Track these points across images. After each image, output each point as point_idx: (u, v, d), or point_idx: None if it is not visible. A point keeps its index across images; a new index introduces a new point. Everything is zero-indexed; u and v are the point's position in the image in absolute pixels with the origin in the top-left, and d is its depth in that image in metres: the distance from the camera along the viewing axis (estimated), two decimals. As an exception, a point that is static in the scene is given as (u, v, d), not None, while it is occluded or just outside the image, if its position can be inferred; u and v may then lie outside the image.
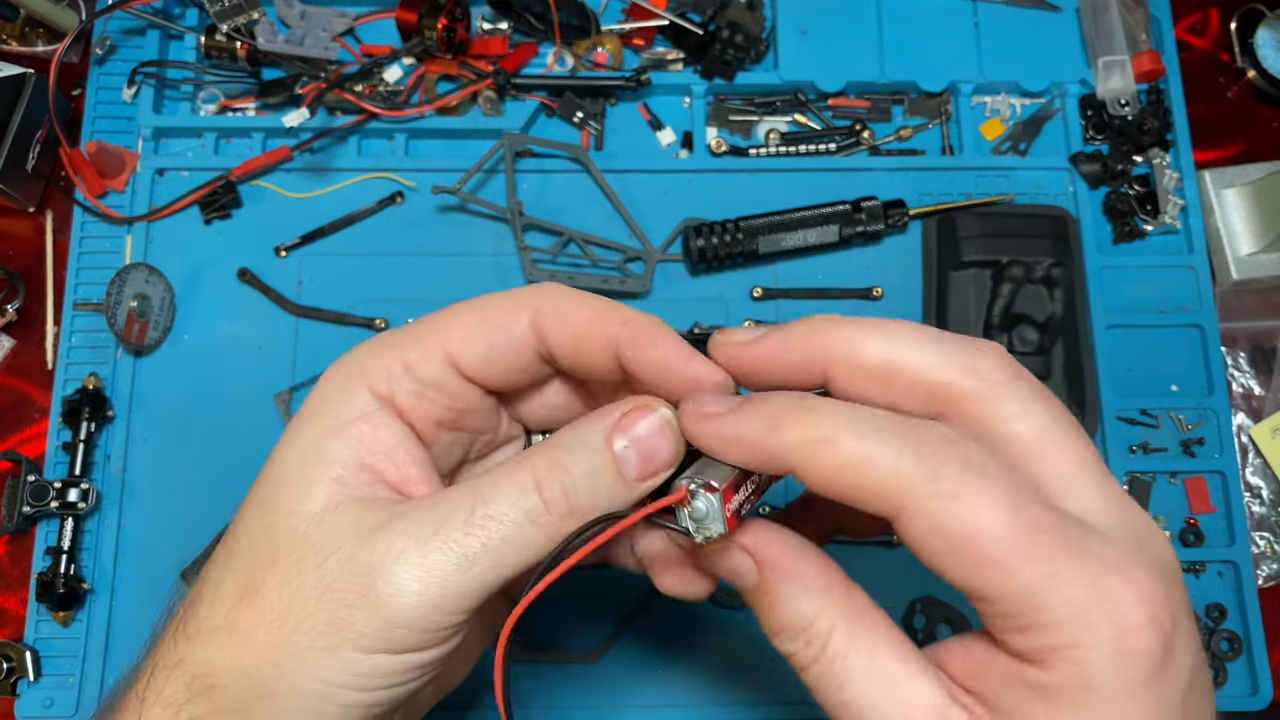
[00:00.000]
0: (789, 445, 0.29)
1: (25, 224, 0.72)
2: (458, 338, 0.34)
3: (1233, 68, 0.78)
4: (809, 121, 0.75)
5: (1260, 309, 0.73)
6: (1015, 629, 0.28)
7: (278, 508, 0.33)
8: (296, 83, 0.71)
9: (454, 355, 0.34)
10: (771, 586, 0.32)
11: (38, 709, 0.63)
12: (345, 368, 0.35)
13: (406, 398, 0.34)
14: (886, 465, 0.28)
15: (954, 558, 0.27)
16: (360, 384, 0.34)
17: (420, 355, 0.34)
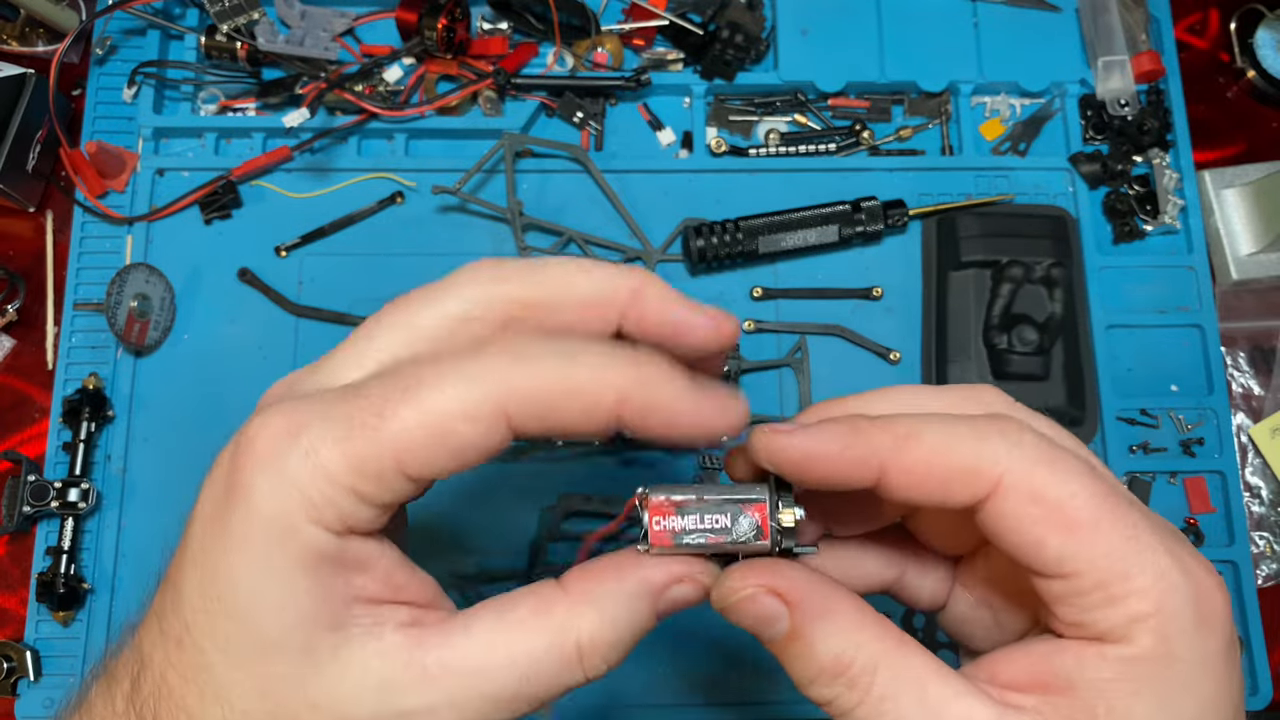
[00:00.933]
0: (875, 446, 0.29)
1: (25, 224, 0.73)
2: (416, 459, 0.28)
3: (1232, 68, 0.78)
4: (809, 121, 0.75)
5: (1260, 309, 0.73)
6: (1100, 603, 0.28)
7: (279, 683, 0.28)
8: (296, 83, 0.71)
9: (413, 475, 0.28)
10: (805, 629, 0.30)
11: (38, 709, 0.63)
12: (281, 491, 0.28)
13: (362, 521, 0.29)
14: (973, 446, 0.28)
15: (1050, 524, 0.28)
16: (305, 519, 0.28)
17: (374, 485, 0.28)
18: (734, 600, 0.31)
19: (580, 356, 0.29)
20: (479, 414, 0.28)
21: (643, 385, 0.29)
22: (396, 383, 0.28)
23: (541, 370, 0.28)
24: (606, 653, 0.30)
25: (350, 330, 0.31)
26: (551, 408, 0.28)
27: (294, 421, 0.28)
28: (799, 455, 0.30)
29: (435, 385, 0.28)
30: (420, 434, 0.28)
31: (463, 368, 0.28)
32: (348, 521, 0.28)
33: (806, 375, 0.69)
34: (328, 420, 0.28)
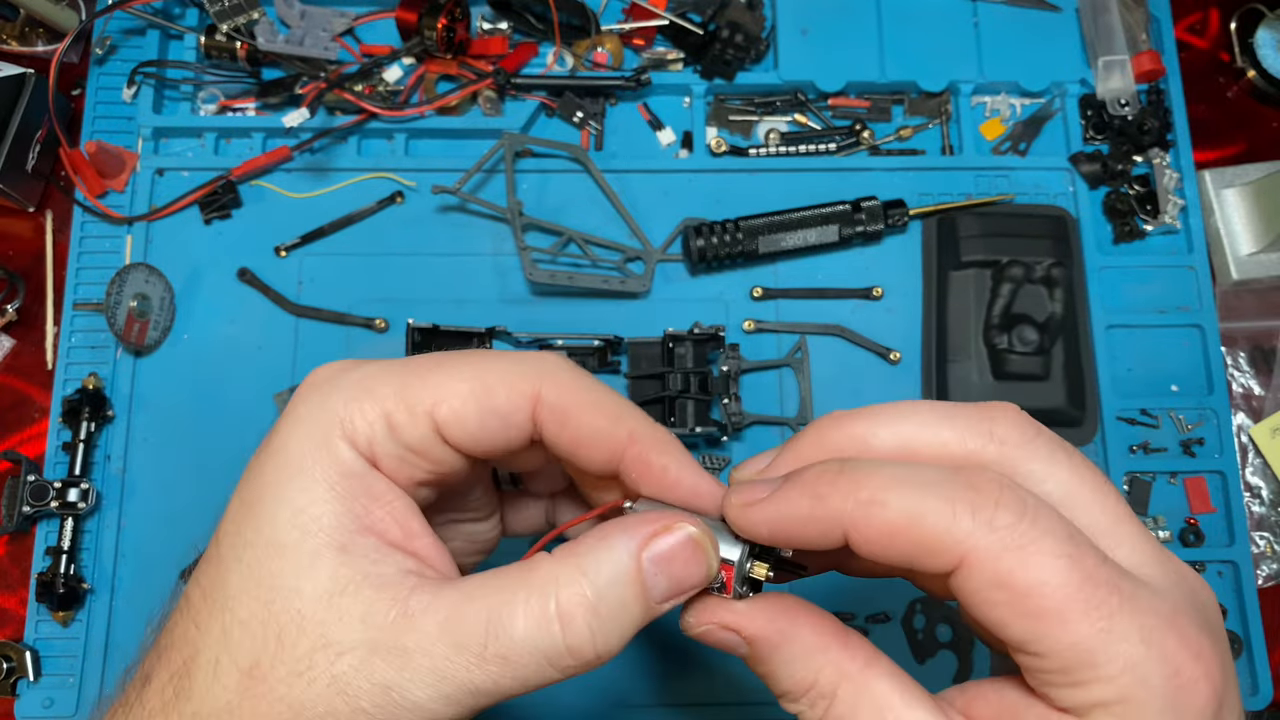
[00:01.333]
0: (836, 514, 0.29)
1: (25, 224, 0.72)
2: (448, 409, 0.31)
3: (1233, 68, 0.78)
4: (809, 121, 0.75)
5: (1260, 309, 0.73)
6: (1065, 684, 0.27)
7: (277, 582, 0.30)
8: (296, 83, 0.71)
9: (442, 425, 0.32)
10: (764, 656, 0.32)
11: (38, 709, 0.63)
12: (320, 412, 0.31)
13: (388, 460, 0.32)
14: (941, 520, 0.27)
15: (1013, 610, 0.27)
16: (338, 435, 0.31)
17: (406, 418, 0.31)
18: (694, 633, 0.33)
19: (615, 392, 0.33)
20: (514, 383, 0.32)
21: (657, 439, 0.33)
22: (452, 353, 0.33)
23: (581, 378, 0.33)
24: (590, 618, 0.30)
25: (350, 330, 0.33)
26: (573, 411, 0.32)
27: (357, 361, 0.33)
28: (766, 528, 0.31)
29: (486, 356, 0.32)
30: (463, 385, 0.31)
31: (513, 354, 0.33)
32: (374, 447, 0.31)
33: (806, 375, 0.69)
34: (385, 364, 0.32)
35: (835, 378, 0.69)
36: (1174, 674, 0.27)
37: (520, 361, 0.32)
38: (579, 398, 0.32)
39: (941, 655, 0.65)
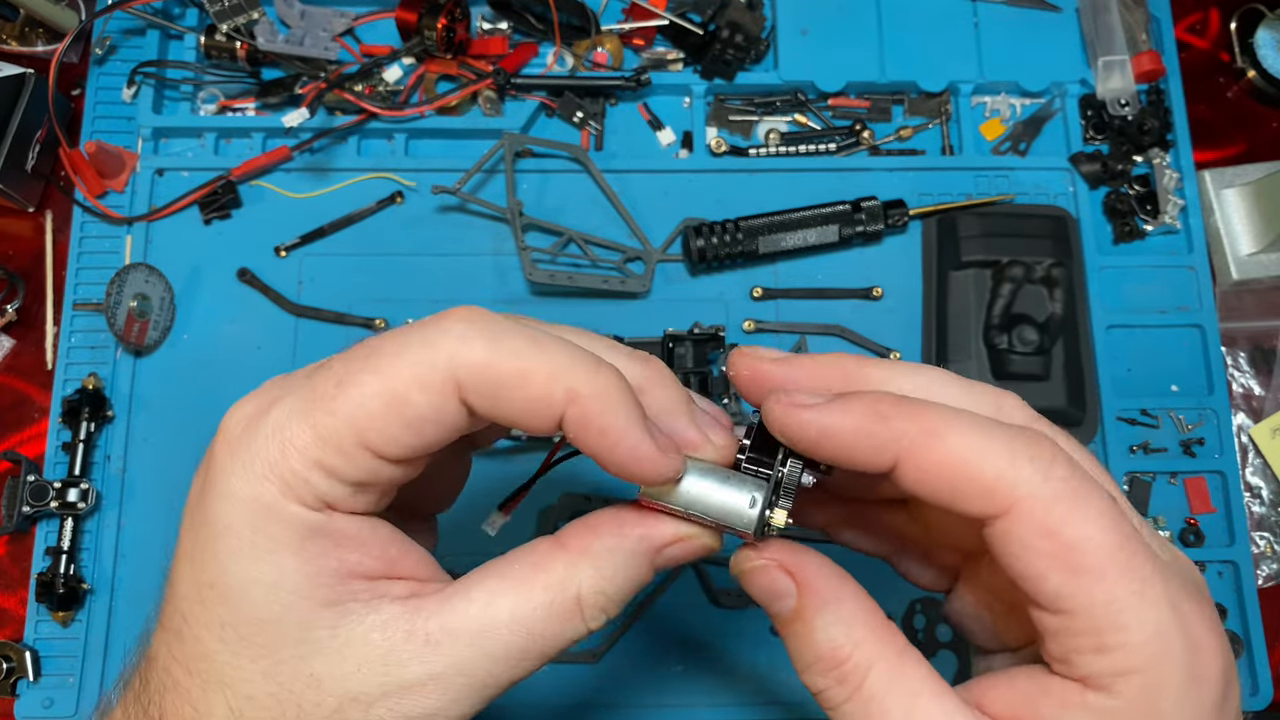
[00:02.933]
0: (896, 434, 0.28)
1: (25, 224, 0.72)
2: (375, 435, 0.28)
3: (1233, 68, 0.78)
4: (809, 121, 0.75)
5: (1260, 309, 0.73)
6: (1090, 648, 0.27)
7: (275, 654, 0.28)
8: (296, 83, 0.71)
9: (376, 449, 0.28)
10: (809, 613, 0.30)
11: (37, 709, 0.63)
12: (254, 480, 0.28)
13: (340, 499, 0.29)
14: (1000, 461, 0.27)
15: (1055, 561, 0.27)
16: (283, 498, 0.28)
17: (339, 459, 0.28)
18: (748, 567, 0.31)
19: (544, 343, 0.28)
20: (431, 382, 0.28)
21: (596, 395, 0.28)
22: (357, 352, 0.29)
23: (500, 347, 0.28)
24: (605, 604, 0.30)
25: (350, 330, 0.32)
26: (501, 388, 0.28)
27: (263, 400, 0.29)
28: (814, 432, 0.29)
29: (393, 353, 0.28)
30: (376, 404, 0.28)
31: (423, 333, 0.28)
32: (324, 498, 0.28)
33: (806, 375, 0.69)
34: (292, 395, 0.28)
35: (835, 378, 0.69)
36: (1195, 645, 0.27)
37: (427, 347, 0.28)
38: (500, 370, 0.28)
39: (941, 655, 0.65)
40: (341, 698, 0.28)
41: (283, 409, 0.28)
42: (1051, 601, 0.27)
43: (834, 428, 0.29)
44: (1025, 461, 0.27)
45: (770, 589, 0.31)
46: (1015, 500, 0.27)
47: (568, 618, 0.30)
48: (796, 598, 0.30)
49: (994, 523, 0.28)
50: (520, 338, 0.28)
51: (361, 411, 0.28)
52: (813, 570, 0.30)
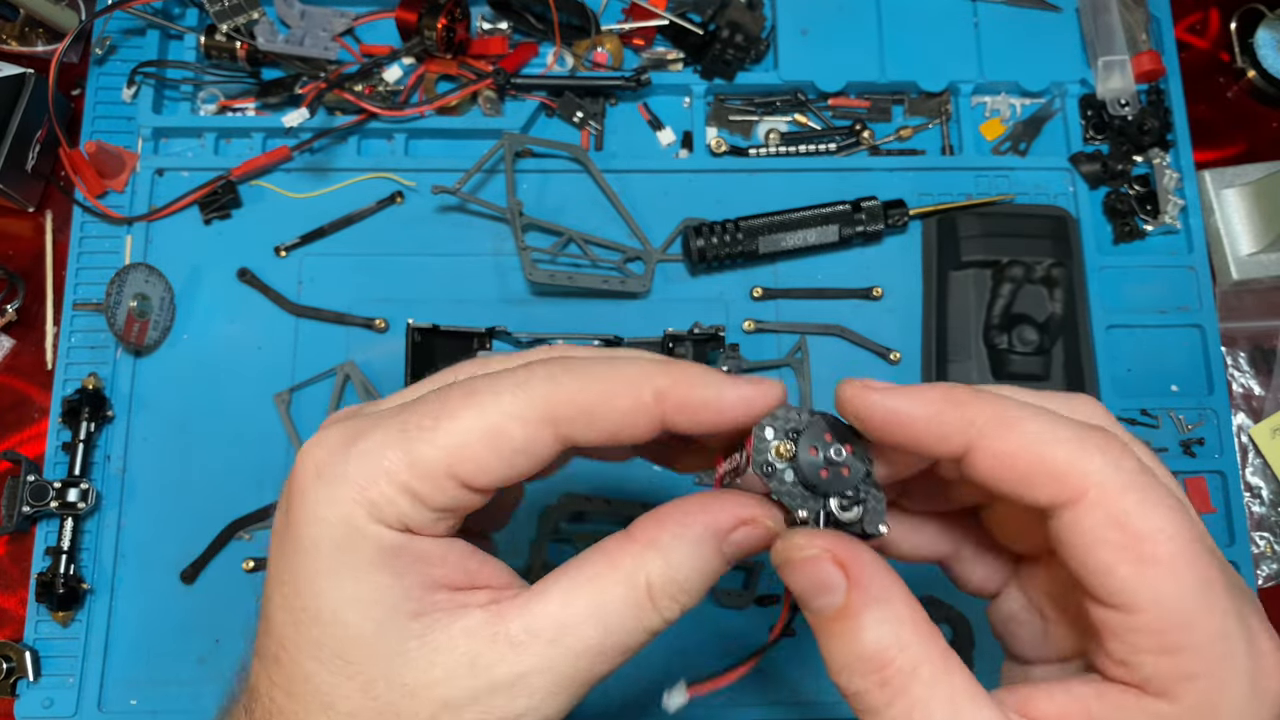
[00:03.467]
0: (968, 421, 0.28)
1: (25, 224, 0.72)
2: (469, 463, 0.29)
3: (1233, 68, 0.78)
4: (809, 121, 0.75)
5: (1260, 309, 0.73)
6: (1154, 648, 0.26)
7: (368, 669, 0.29)
8: (296, 83, 0.71)
9: (466, 480, 0.30)
10: (857, 610, 0.28)
11: (37, 709, 0.63)
12: (340, 505, 0.29)
13: (422, 524, 0.30)
14: (1071, 451, 0.27)
15: (1125, 553, 0.26)
16: (369, 520, 0.29)
17: (428, 487, 0.29)
18: (798, 556, 0.29)
19: (616, 364, 0.31)
20: (529, 417, 0.29)
21: (677, 381, 0.30)
22: (452, 391, 0.30)
23: (583, 374, 0.30)
24: (675, 593, 0.30)
25: (350, 330, 0.32)
26: (595, 409, 0.30)
27: (351, 431, 0.30)
28: (884, 412, 0.29)
29: (490, 390, 0.30)
30: (474, 436, 0.29)
31: (514, 376, 0.30)
32: (407, 522, 0.30)
33: (807, 376, 0.69)
34: (382, 427, 0.30)
35: (835, 378, 0.68)
36: (1259, 655, 0.26)
37: (523, 387, 0.30)
38: (589, 396, 0.30)
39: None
40: (435, 704, 0.29)
41: (373, 439, 0.29)
42: (1116, 595, 0.27)
43: (906, 411, 0.29)
44: (1096, 452, 0.27)
45: (819, 581, 0.29)
46: (1086, 489, 0.27)
47: (641, 608, 0.30)
48: (845, 593, 0.28)
49: (1062, 512, 0.27)
50: (596, 364, 0.31)
51: (457, 443, 0.29)
52: (866, 564, 0.29)
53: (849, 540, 0.30)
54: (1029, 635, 0.34)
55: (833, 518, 0.31)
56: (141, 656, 0.64)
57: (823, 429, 0.31)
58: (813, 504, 0.31)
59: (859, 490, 0.31)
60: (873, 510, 0.31)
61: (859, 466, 0.31)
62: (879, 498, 0.31)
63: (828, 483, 0.31)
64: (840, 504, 0.31)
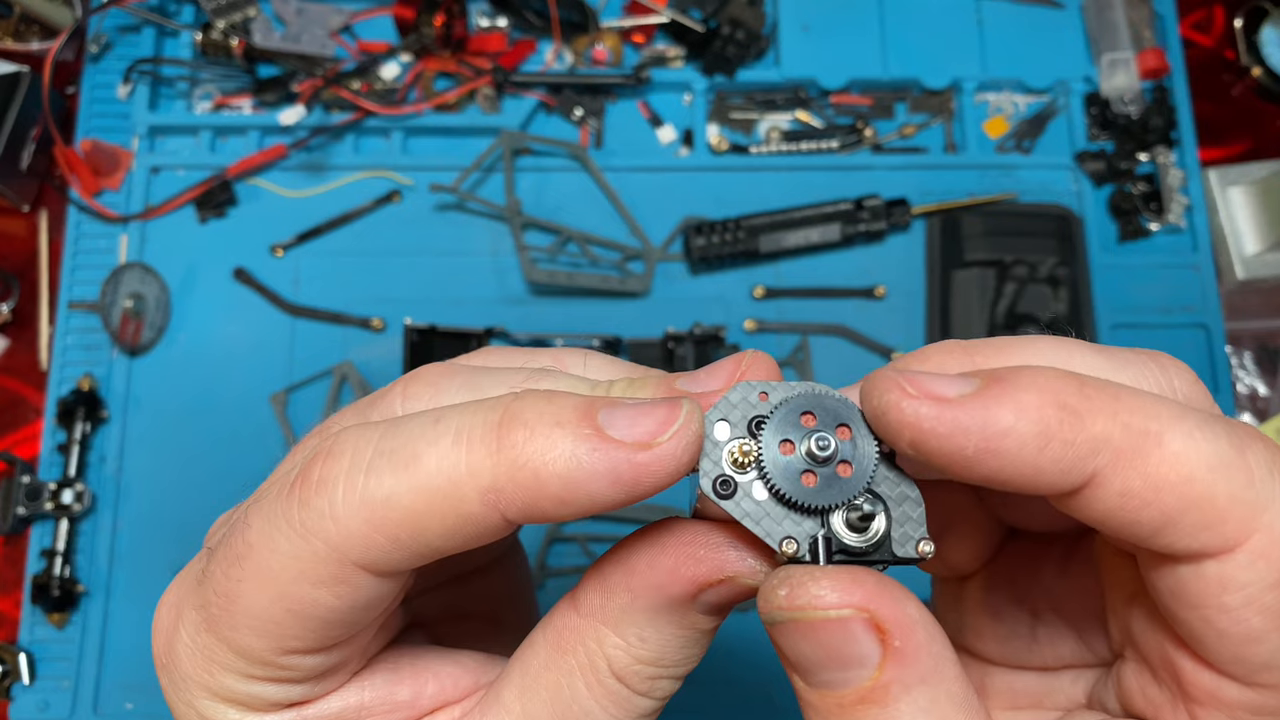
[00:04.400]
0: (1095, 440, 0.19)
1: (20, 223, 0.72)
2: (285, 639, 0.23)
3: (1237, 65, 0.78)
4: (811, 119, 0.74)
5: (1266, 309, 0.73)
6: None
7: None
8: (293, 80, 0.70)
9: (293, 649, 0.23)
10: (894, 693, 0.19)
11: (32, 712, 0.62)
12: (192, 695, 0.24)
13: (306, 693, 0.24)
14: (1237, 484, 0.19)
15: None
16: (238, 712, 0.24)
17: (265, 669, 0.23)
18: (815, 617, 0.20)
19: (423, 439, 0.21)
20: (320, 574, 0.22)
21: (514, 465, 0.20)
22: (229, 551, 0.23)
23: (369, 490, 0.21)
24: (650, 673, 0.23)
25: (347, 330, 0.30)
26: (402, 540, 0.21)
27: (176, 595, 0.25)
28: (970, 445, 0.20)
29: (266, 548, 0.22)
30: (272, 610, 0.22)
31: (286, 513, 0.22)
32: (284, 701, 0.24)
33: (809, 375, 0.68)
34: (195, 608, 0.23)
35: (838, 378, 0.68)
36: None
37: (297, 530, 0.22)
38: (394, 529, 0.21)
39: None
40: None
41: (188, 625, 0.24)
42: (1257, 672, 0.20)
43: (1004, 434, 0.19)
44: (1267, 476, 0.19)
45: (839, 652, 0.20)
46: (1249, 534, 0.19)
47: (617, 696, 0.23)
48: (878, 669, 0.20)
49: (1203, 563, 0.20)
50: (392, 457, 0.21)
51: (260, 621, 0.22)
52: (914, 627, 0.20)
53: (883, 588, 0.20)
54: (1003, 633, 0.27)
55: (837, 543, 0.21)
56: (137, 659, 0.63)
57: (798, 410, 0.21)
58: (805, 526, 0.21)
59: (873, 493, 0.22)
60: (904, 519, 0.22)
61: (865, 454, 0.21)
62: (909, 494, 0.22)
63: (816, 493, 0.21)
64: (848, 519, 0.21)
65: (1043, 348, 0.22)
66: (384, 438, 0.22)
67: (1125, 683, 0.24)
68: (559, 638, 0.24)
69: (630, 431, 0.20)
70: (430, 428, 0.21)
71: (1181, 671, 0.21)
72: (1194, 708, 0.21)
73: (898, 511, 0.22)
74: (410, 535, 0.21)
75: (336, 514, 0.21)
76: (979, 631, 0.27)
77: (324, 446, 0.22)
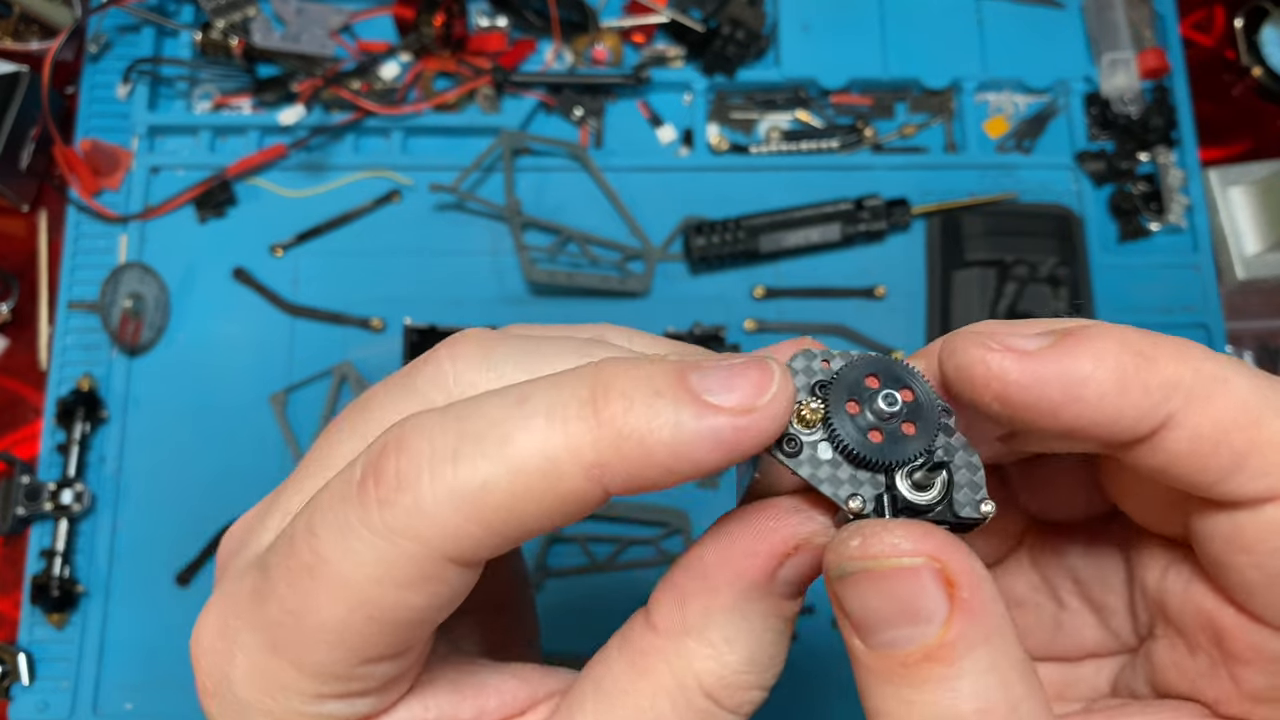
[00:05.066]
0: (1169, 383, 0.20)
1: (19, 223, 0.72)
2: (365, 650, 0.22)
3: (1238, 65, 0.78)
4: (811, 118, 0.74)
5: (1266, 309, 0.73)
6: None
7: None
8: (292, 79, 0.70)
9: (370, 656, 0.22)
10: (960, 651, 0.19)
11: (32, 713, 0.62)
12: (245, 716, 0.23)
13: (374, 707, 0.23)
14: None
15: None
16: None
17: (340, 685, 0.22)
18: (888, 565, 0.20)
19: (516, 419, 0.20)
20: (413, 576, 0.20)
21: (620, 435, 0.20)
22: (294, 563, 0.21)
23: (461, 479, 0.20)
24: (743, 683, 0.22)
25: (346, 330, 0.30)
26: (503, 531, 0.20)
27: (223, 619, 0.23)
28: (1056, 392, 0.20)
29: (343, 554, 0.20)
30: (353, 617, 0.21)
31: (389, 504, 0.20)
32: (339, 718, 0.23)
33: (808, 375, 0.68)
34: (254, 629, 0.22)
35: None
36: None
37: (379, 532, 0.20)
38: (490, 518, 0.20)
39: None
40: None
41: (246, 649, 0.22)
42: None
43: (1084, 381, 0.20)
44: None
45: (907, 604, 0.19)
46: None
47: (708, 716, 0.22)
48: (943, 624, 0.19)
49: (1262, 508, 0.20)
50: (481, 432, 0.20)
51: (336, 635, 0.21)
52: (980, 582, 0.20)
53: (953, 541, 0.20)
54: (1027, 623, 0.27)
55: (902, 500, 0.22)
56: (137, 659, 0.63)
57: (862, 372, 0.22)
58: (867, 487, 0.22)
59: (933, 453, 0.22)
60: (965, 481, 0.22)
61: (930, 415, 0.22)
62: (969, 459, 0.22)
63: (883, 449, 0.21)
64: (911, 479, 0.22)
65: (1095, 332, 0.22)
66: (463, 420, 0.20)
67: (1157, 659, 0.24)
68: (639, 658, 0.23)
69: (729, 397, 0.20)
70: (516, 407, 0.20)
71: (1225, 632, 0.22)
72: (1237, 668, 0.21)
73: (959, 474, 0.22)
74: (508, 521, 0.20)
75: (426, 509, 0.20)
76: None
77: (391, 438, 0.21)
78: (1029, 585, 0.27)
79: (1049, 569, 0.27)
